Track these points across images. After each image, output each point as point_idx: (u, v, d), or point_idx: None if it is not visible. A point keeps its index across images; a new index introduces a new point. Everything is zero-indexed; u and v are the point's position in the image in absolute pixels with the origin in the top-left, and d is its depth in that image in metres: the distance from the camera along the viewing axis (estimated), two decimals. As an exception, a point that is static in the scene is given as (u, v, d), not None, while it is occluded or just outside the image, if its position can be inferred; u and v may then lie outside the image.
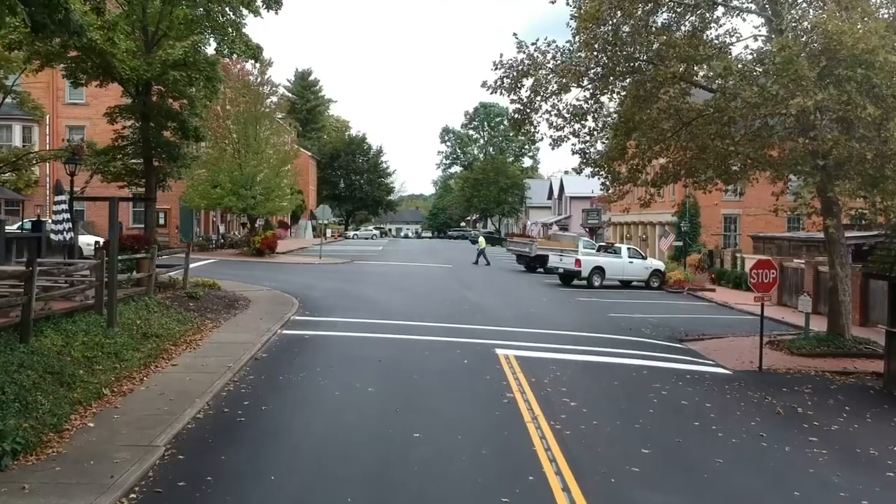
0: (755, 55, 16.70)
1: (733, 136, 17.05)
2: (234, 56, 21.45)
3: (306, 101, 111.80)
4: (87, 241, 28.18)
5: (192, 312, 18.15)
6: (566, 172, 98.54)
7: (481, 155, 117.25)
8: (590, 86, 19.15)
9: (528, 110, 19.10)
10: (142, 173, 21.70)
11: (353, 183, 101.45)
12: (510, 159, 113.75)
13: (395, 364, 14.98)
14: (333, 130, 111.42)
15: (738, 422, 12.00)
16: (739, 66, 15.99)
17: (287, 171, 41.87)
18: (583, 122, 19.18)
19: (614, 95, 19.65)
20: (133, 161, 22.05)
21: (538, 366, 15.44)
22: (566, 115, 19.17)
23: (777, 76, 14.19)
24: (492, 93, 19.19)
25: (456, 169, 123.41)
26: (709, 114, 18.79)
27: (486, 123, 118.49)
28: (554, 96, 19.18)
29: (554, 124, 19.56)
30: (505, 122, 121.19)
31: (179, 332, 15.90)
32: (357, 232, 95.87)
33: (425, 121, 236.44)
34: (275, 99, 41.91)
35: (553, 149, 19.59)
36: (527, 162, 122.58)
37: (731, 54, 17.96)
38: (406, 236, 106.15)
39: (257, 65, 40.90)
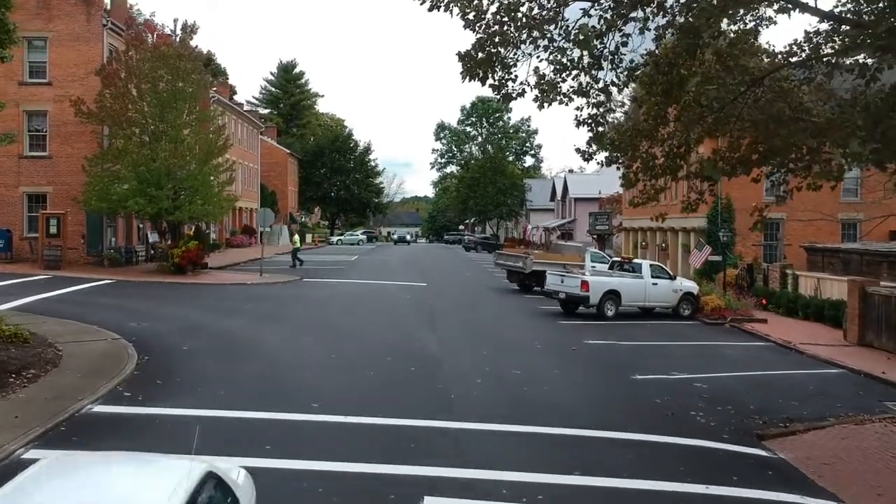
0: None
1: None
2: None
3: (290, 95, 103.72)
4: None
5: None
6: (570, 171, 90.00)
7: (479, 153, 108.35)
8: (606, 3, 10.83)
9: (497, 43, 10.73)
10: None
11: (338, 183, 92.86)
12: (510, 157, 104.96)
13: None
14: (319, 127, 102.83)
15: None
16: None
17: (215, 167, 32.86)
18: (595, 61, 10.75)
19: (647, 23, 11.26)
20: None
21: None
22: (566, 52, 10.80)
23: None
24: (430, 8, 10.83)
25: (452, 168, 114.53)
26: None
27: (483, 119, 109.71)
28: (544, 22, 10.87)
29: (546, 76, 11.20)
30: (506, 118, 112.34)
31: None
32: (342, 237, 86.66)
33: (428, 119, 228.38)
34: (197, 75, 32.69)
35: (540, 108, 10.85)
36: (528, 161, 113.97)
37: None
38: (404, 238, 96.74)
39: (178, 31, 32.56)
